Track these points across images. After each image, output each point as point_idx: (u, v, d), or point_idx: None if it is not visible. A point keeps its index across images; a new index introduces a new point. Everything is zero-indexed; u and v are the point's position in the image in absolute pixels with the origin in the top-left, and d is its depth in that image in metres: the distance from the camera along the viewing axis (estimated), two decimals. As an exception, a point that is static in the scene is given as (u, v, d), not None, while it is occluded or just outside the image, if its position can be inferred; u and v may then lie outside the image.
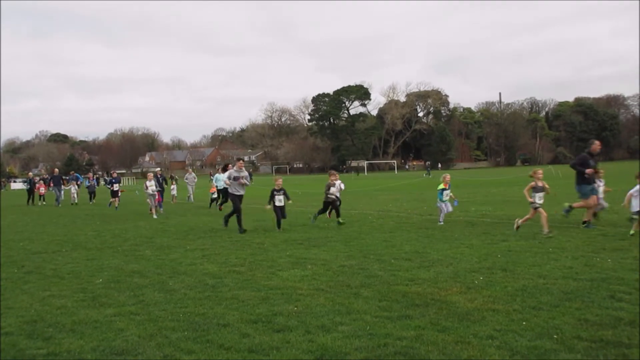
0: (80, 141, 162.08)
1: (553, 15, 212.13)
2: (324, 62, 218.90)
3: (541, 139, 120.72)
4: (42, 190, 33.45)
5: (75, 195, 31.51)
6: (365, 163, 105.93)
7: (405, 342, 5.20)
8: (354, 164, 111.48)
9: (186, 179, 31.80)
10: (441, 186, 15.00)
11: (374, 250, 10.61)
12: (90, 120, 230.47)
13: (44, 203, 32.51)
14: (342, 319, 6.04)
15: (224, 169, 22.13)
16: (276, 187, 14.89)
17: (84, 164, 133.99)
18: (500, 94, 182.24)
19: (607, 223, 12.59)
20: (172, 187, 30.03)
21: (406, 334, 5.41)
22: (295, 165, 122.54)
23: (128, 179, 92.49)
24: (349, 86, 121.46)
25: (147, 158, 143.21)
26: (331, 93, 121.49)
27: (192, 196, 30.43)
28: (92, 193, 32.79)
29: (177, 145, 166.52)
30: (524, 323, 5.62)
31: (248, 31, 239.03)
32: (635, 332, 5.23)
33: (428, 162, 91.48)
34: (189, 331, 5.79)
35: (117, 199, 26.52)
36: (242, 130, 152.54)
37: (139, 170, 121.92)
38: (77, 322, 6.28)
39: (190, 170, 35.56)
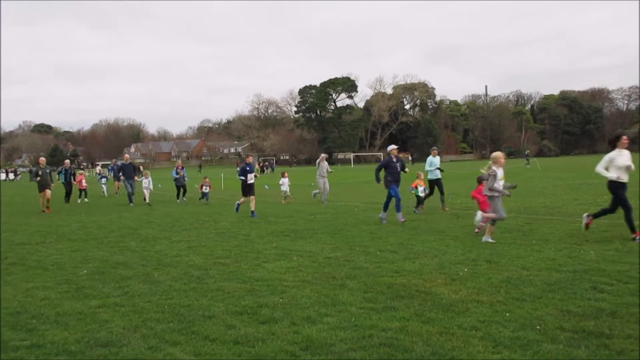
0: (65, 132, 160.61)
1: (548, 4, 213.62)
2: (315, 51, 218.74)
3: (526, 131, 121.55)
4: (84, 183, 27.05)
5: (147, 192, 23.15)
6: (351, 155, 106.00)
7: (390, 333, 5.23)
8: (340, 156, 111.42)
9: (321, 168, 21.31)
10: None
11: (360, 242, 10.64)
12: (74, 109, 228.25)
13: (86, 200, 25.89)
14: (327, 310, 6.06)
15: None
16: None
17: (69, 154, 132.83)
18: (486, 86, 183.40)
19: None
20: (280, 182, 22.48)
21: (391, 325, 5.44)
22: (281, 157, 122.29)
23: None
24: (336, 78, 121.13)
25: (132, 149, 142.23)
26: (318, 85, 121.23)
27: (325, 194, 21.03)
28: (181, 187, 24.20)
29: (163, 137, 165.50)
30: (507, 314, 5.68)
31: (238, 18, 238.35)
32: (617, 323, 5.30)
33: (528, 151, 70.95)
34: (174, 323, 5.77)
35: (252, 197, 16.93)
36: (229, 122, 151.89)
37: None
38: (61, 313, 6.24)
39: (323, 157, 22.43)
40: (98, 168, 59.26)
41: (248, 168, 17.06)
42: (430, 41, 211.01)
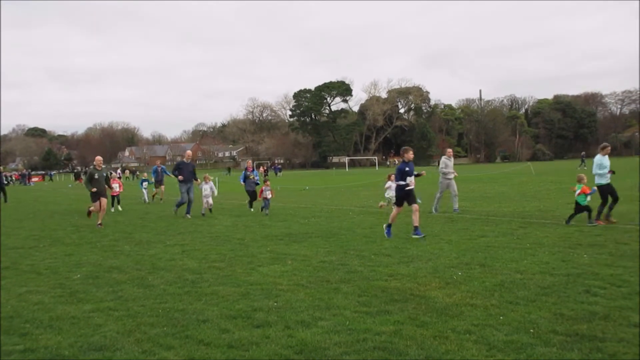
0: (59, 135, 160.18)
1: (543, 9, 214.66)
2: (310, 55, 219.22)
3: (521, 135, 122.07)
4: (117, 188, 21.69)
5: (211, 200, 18.78)
6: (346, 159, 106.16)
7: (384, 337, 5.23)
8: (335, 159, 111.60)
9: (448, 167, 17.03)
10: None
11: (354, 246, 10.65)
12: (68, 113, 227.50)
13: (119, 209, 21.59)
14: (321, 314, 6.06)
15: None
16: None
17: (62, 158, 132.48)
18: (480, 91, 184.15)
19: (583, 219, 12.77)
20: (387, 185, 18.15)
21: (385, 329, 5.45)
22: (276, 161, 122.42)
23: (111, 172, 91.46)
24: (331, 82, 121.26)
25: (126, 153, 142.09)
26: (313, 89, 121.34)
27: (455, 198, 16.96)
28: (251, 193, 19.70)
29: (158, 140, 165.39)
30: (501, 318, 5.70)
31: (234, 21, 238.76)
32: (609, 326, 5.33)
33: (583, 153, 66.80)
34: (168, 327, 5.76)
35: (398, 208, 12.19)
36: (223, 126, 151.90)
37: (119, 165, 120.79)
38: (54, 318, 6.22)
39: (450, 152, 18.01)
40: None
41: (407, 169, 11.99)
42: (425, 46, 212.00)
